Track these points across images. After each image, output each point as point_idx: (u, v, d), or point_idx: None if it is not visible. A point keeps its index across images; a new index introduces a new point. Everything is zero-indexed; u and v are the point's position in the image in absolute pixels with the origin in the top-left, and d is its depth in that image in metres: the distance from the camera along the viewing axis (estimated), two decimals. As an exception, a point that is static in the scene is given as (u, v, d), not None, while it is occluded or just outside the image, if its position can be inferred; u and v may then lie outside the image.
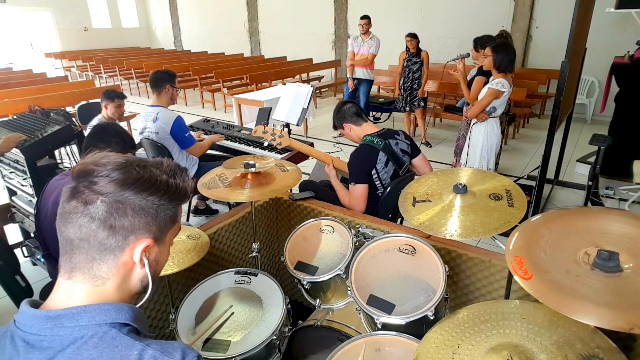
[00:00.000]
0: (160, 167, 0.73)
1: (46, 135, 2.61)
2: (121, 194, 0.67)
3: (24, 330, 0.66)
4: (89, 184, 0.67)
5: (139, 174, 0.70)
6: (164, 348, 0.67)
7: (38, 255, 2.80)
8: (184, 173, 0.76)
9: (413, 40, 5.40)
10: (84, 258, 0.69)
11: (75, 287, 0.70)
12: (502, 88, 3.16)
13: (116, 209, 0.67)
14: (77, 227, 0.67)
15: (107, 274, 0.70)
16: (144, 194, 0.69)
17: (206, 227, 1.95)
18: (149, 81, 3.10)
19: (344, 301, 1.66)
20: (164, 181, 0.72)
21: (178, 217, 0.78)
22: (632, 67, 4.21)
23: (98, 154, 0.72)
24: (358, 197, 2.16)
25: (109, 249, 0.69)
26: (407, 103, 5.63)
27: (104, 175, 0.67)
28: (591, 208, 2.38)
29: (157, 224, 0.72)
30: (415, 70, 5.49)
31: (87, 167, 0.68)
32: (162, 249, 0.77)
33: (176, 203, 0.75)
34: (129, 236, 0.69)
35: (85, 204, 0.67)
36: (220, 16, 12.30)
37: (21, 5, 11.68)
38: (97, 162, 0.69)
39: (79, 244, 0.68)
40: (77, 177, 0.68)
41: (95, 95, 6.19)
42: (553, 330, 1.01)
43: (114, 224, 0.67)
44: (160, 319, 1.74)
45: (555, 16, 7.01)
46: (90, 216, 0.67)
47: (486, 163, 3.42)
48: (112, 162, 0.69)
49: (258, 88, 7.45)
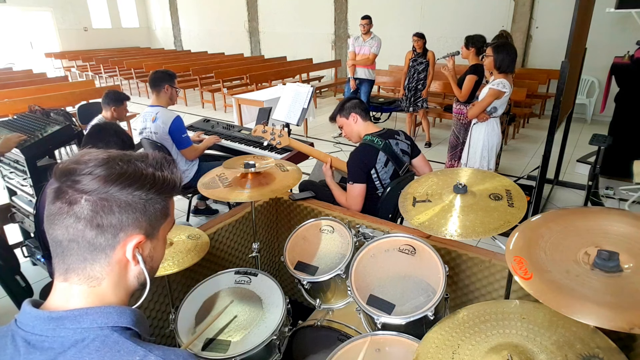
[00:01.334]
0: (146, 161, 0.71)
1: (46, 135, 2.61)
2: (105, 191, 0.65)
3: (26, 330, 0.66)
4: (72, 183, 0.65)
5: (122, 169, 0.67)
6: (167, 355, 0.66)
7: (38, 255, 2.80)
8: (171, 165, 0.74)
9: (420, 40, 5.37)
10: (75, 259, 0.67)
11: (73, 290, 0.69)
12: (503, 88, 3.16)
13: (101, 207, 0.65)
14: (64, 228, 0.65)
15: (102, 273, 0.69)
16: (130, 189, 0.67)
17: (206, 227, 1.95)
18: (149, 81, 3.09)
19: (344, 301, 1.66)
20: (149, 174, 0.69)
21: (169, 210, 0.76)
22: (632, 67, 4.21)
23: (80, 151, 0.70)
24: (355, 196, 2.16)
25: (100, 249, 0.67)
26: (411, 103, 5.61)
27: (87, 173, 0.65)
28: (591, 208, 2.38)
29: (147, 219, 0.70)
30: (421, 71, 5.47)
31: (68, 166, 0.66)
32: (155, 244, 0.75)
33: (165, 196, 0.72)
34: (118, 234, 0.67)
35: (70, 204, 0.65)
36: (220, 16, 12.31)
37: (21, 5, 11.68)
38: (78, 160, 0.67)
39: (68, 245, 0.66)
40: (60, 177, 0.66)
41: (95, 95, 6.18)
42: (553, 330, 1.01)
43: (101, 223, 0.65)
44: (160, 319, 1.74)
45: (555, 16, 7.01)
46: (75, 216, 0.65)
47: (487, 163, 3.42)
48: (94, 159, 0.67)
49: (258, 88, 7.45)
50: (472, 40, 4.04)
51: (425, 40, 5.41)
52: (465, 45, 4.08)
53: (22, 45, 12.00)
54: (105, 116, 3.43)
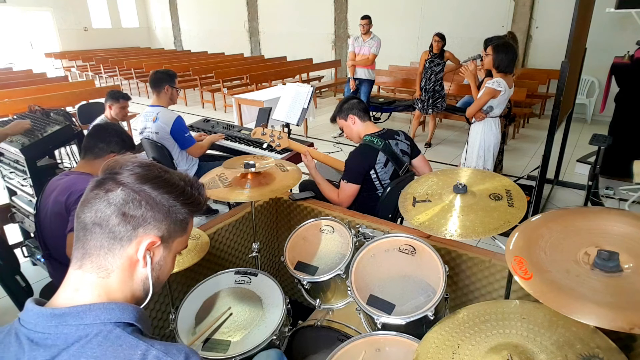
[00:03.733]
0: (180, 176, 0.79)
1: (46, 135, 2.61)
2: (140, 186, 0.73)
3: (29, 328, 0.67)
4: (114, 175, 0.73)
5: (159, 174, 0.76)
6: (168, 349, 0.68)
7: (38, 255, 2.80)
8: (201, 187, 0.82)
9: (440, 42, 5.24)
10: (94, 245, 0.72)
11: (84, 279, 0.72)
12: (499, 87, 3.15)
13: (132, 199, 0.72)
14: (94, 211, 0.71)
15: (112, 265, 0.72)
16: (160, 190, 0.74)
17: (206, 227, 1.95)
18: (149, 81, 3.10)
19: (344, 301, 1.66)
20: (181, 186, 0.77)
21: (188, 227, 0.81)
22: (632, 67, 4.21)
23: (129, 155, 0.80)
24: (349, 195, 2.18)
25: (117, 238, 0.71)
26: (430, 105, 5.49)
27: (128, 170, 0.73)
28: (591, 208, 2.38)
29: (167, 224, 0.76)
30: (438, 72, 5.37)
31: (116, 163, 0.76)
32: (166, 255, 0.78)
33: (188, 209, 0.79)
34: (138, 228, 0.72)
35: (107, 192, 0.72)
36: (220, 16, 12.30)
37: (21, 5, 11.68)
38: (125, 159, 0.76)
39: (92, 228, 0.71)
40: (105, 171, 0.75)
41: (95, 95, 6.19)
42: (553, 330, 1.01)
43: (127, 212, 0.71)
44: (160, 319, 1.74)
45: (555, 16, 7.01)
46: (108, 202, 0.71)
47: (482, 163, 3.41)
48: (138, 161, 0.76)
49: (258, 88, 7.45)
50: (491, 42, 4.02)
51: (445, 42, 5.31)
52: (485, 49, 4.05)
53: (22, 45, 11.99)
54: (105, 115, 3.48)
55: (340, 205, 2.18)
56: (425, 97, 5.50)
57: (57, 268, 1.94)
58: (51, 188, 1.86)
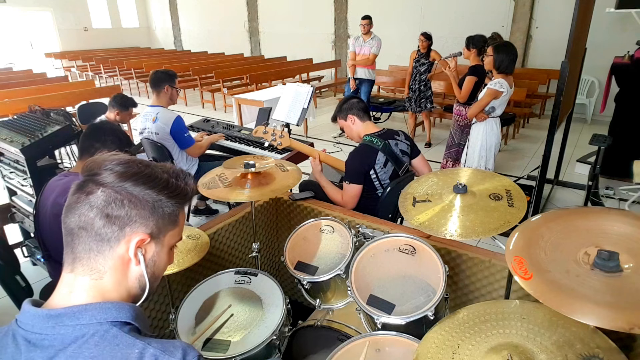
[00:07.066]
0: (164, 168, 0.77)
1: (46, 135, 2.61)
2: (120, 185, 0.70)
3: (26, 329, 0.67)
4: (93, 176, 0.71)
5: (139, 169, 0.73)
6: (165, 347, 0.68)
7: (38, 255, 2.80)
8: (187, 177, 0.79)
9: (425, 41, 5.27)
10: (82, 248, 0.71)
11: (77, 282, 0.71)
12: (501, 88, 3.16)
13: (114, 199, 0.70)
14: (78, 215, 0.70)
15: (104, 266, 0.71)
16: (143, 186, 0.72)
17: (206, 227, 1.95)
18: (149, 81, 3.10)
19: (344, 301, 1.66)
20: (164, 179, 0.75)
21: (178, 219, 0.79)
22: (632, 67, 4.21)
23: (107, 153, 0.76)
24: (352, 196, 2.18)
25: (105, 239, 0.70)
26: (417, 104, 5.56)
27: (107, 169, 0.71)
28: (591, 208, 2.38)
29: (155, 219, 0.74)
30: (423, 72, 5.41)
31: (94, 163, 0.73)
32: (160, 250, 0.77)
33: (175, 202, 0.76)
34: (124, 227, 0.71)
35: (87, 194, 0.70)
36: (220, 16, 12.30)
37: (21, 5, 11.68)
38: (105, 158, 0.74)
39: (78, 232, 0.70)
40: (85, 172, 0.73)
41: (95, 95, 6.18)
42: (553, 330, 1.01)
43: (110, 213, 0.70)
44: (160, 319, 1.74)
45: (555, 16, 7.01)
46: (89, 205, 0.70)
47: (484, 163, 3.42)
48: (117, 159, 0.73)
49: (258, 88, 7.45)
50: (473, 40, 4.04)
51: (432, 42, 5.34)
52: (467, 46, 4.08)
53: (22, 45, 11.99)
54: (108, 117, 3.46)
55: (345, 206, 2.18)
56: (413, 96, 5.55)
57: (56, 268, 1.94)
58: (50, 189, 1.86)
